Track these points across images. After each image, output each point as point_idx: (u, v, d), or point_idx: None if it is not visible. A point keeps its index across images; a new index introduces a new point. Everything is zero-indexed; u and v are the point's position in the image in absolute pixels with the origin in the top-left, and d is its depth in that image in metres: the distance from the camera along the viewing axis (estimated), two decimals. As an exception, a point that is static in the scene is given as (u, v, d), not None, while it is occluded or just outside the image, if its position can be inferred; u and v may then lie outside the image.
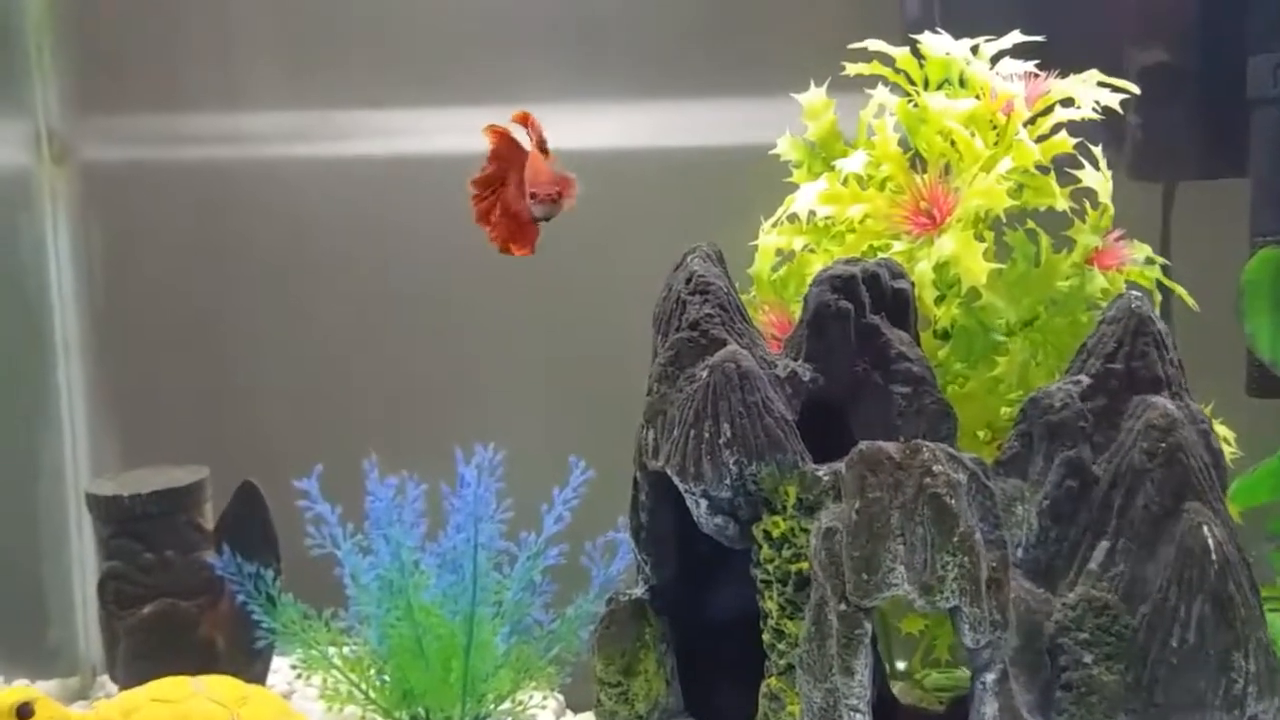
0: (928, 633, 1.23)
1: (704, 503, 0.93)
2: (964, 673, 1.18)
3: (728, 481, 0.92)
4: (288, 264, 1.58)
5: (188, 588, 1.37)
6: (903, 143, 1.13)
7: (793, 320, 1.18)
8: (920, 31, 1.15)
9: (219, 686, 1.05)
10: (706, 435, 0.92)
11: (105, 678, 1.56)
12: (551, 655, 1.31)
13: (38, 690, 0.94)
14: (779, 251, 1.17)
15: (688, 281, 0.99)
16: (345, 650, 1.31)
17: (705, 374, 0.93)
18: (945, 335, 1.15)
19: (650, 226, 1.53)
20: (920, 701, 1.15)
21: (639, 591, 1.03)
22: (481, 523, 1.21)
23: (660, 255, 1.53)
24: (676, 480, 0.94)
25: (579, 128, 1.58)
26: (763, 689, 0.95)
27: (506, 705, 1.33)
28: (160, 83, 1.53)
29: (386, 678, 1.28)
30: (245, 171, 1.55)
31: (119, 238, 1.56)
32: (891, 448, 0.85)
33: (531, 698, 1.33)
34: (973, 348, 1.12)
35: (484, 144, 1.55)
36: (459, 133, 1.56)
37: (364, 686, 1.31)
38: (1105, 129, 1.14)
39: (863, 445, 0.86)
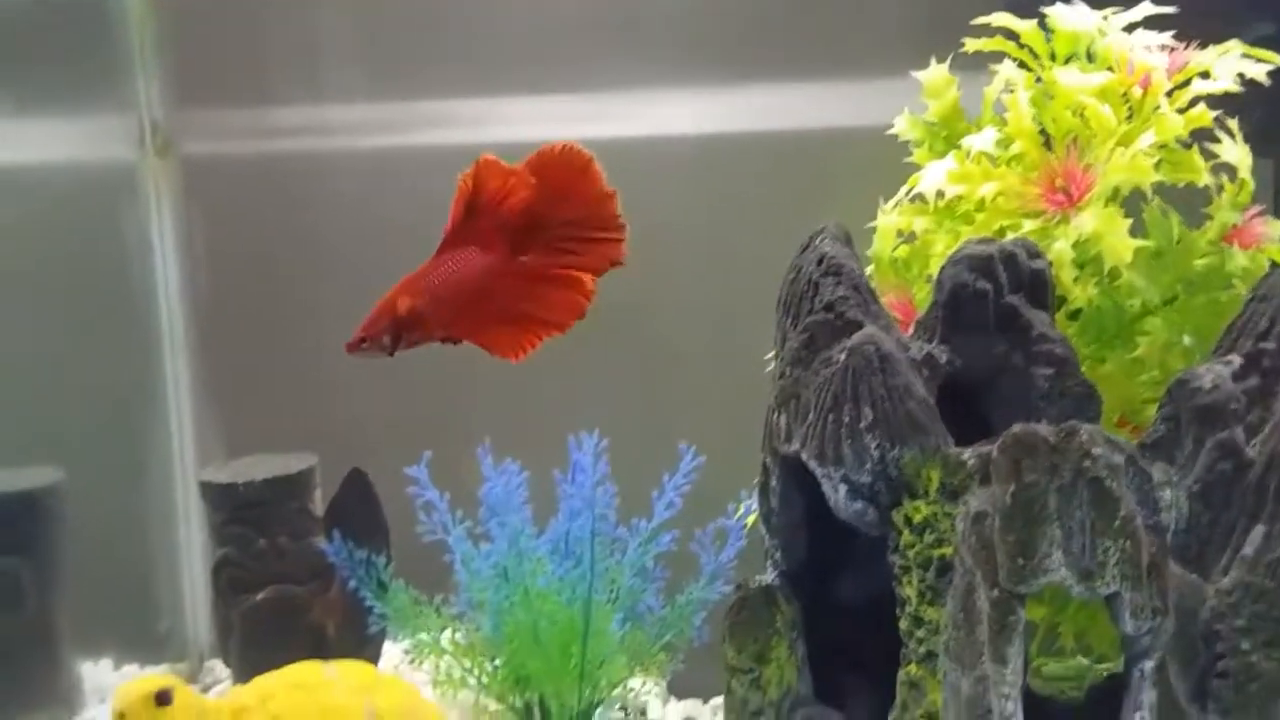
0: (1045, 621, 1.21)
1: (843, 488, 0.92)
2: (1082, 662, 1.16)
3: (868, 466, 0.90)
4: (380, 253, 1.58)
5: (299, 574, 1.38)
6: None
7: (914, 302, 1.16)
8: (1019, 8, 1.13)
9: (352, 673, 1.05)
10: (846, 419, 0.90)
11: (213, 662, 1.59)
12: (663, 642, 1.31)
13: (176, 678, 0.95)
14: (898, 233, 1.15)
15: (819, 263, 0.97)
16: (457, 636, 1.31)
17: (844, 357, 0.92)
18: (1073, 316, 1.12)
19: (748, 211, 1.52)
20: (1042, 690, 1.13)
21: (769, 578, 1.02)
22: (598, 509, 1.21)
23: (758, 239, 1.52)
24: (814, 465, 0.92)
25: (670, 113, 1.58)
26: (901, 676, 0.93)
27: (617, 691, 1.33)
28: (253, 77, 1.54)
29: (499, 664, 1.28)
30: (335, 162, 1.56)
31: (218, 229, 1.57)
32: (1046, 430, 0.83)
33: (643, 684, 1.32)
34: (1104, 329, 1.09)
35: (569, 131, 1.56)
36: (545, 121, 1.58)
37: (476, 672, 1.31)
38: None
39: (1017, 428, 0.83)
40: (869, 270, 1.15)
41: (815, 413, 0.92)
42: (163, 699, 0.93)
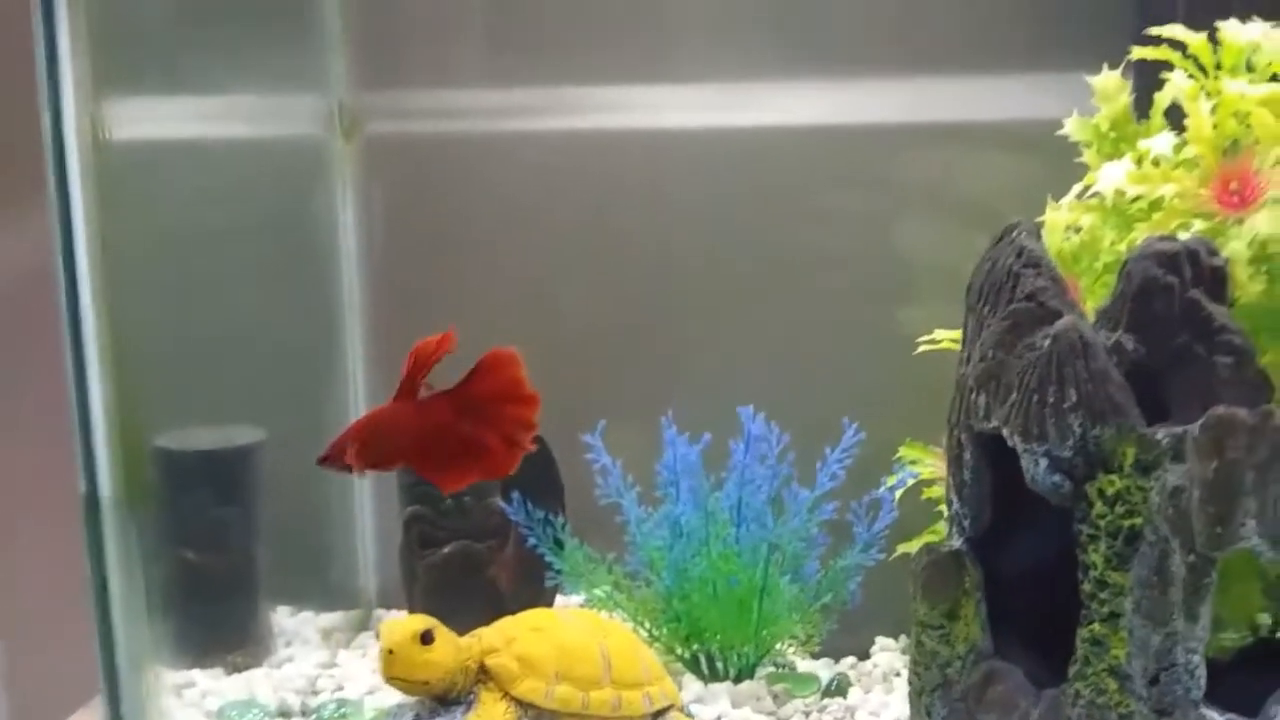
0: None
1: (1044, 462, 1.01)
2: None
3: (1070, 443, 1.00)
4: (550, 235, 1.68)
5: (480, 531, 1.50)
6: (1180, 125, 1.18)
7: (1079, 294, 1.25)
8: (1161, 21, 1.21)
9: (583, 618, 1.16)
10: (1051, 399, 1.00)
11: (381, 611, 1.70)
12: (822, 603, 1.41)
13: (435, 620, 1.05)
14: (1066, 228, 1.24)
15: (1019, 255, 1.06)
16: (634, 593, 1.42)
17: (1048, 343, 1.01)
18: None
19: (909, 202, 1.61)
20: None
21: (956, 543, 1.12)
22: (776, 478, 1.31)
23: (918, 231, 1.61)
24: (1017, 441, 1.02)
25: (822, 104, 1.66)
26: (1084, 634, 1.03)
27: (778, 647, 1.44)
28: (434, 58, 1.63)
29: (675, 620, 1.39)
30: (510, 145, 1.64)
31: (396, 208, 1.67)
32: (1244, 413, 0.92)
33: (801, 640, 1.43)
34: (1259, 325, 1.18)
35: (734, 118, 1.65)
36: (715, 110, 1.66)
37: (648, 625, 1.42)
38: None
39: (1218, 410, 0.93)
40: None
41: (1019, 393, 1.01)
42: (426, 638, 1.04)
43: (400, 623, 1.05)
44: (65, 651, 1.64)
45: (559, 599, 1.51)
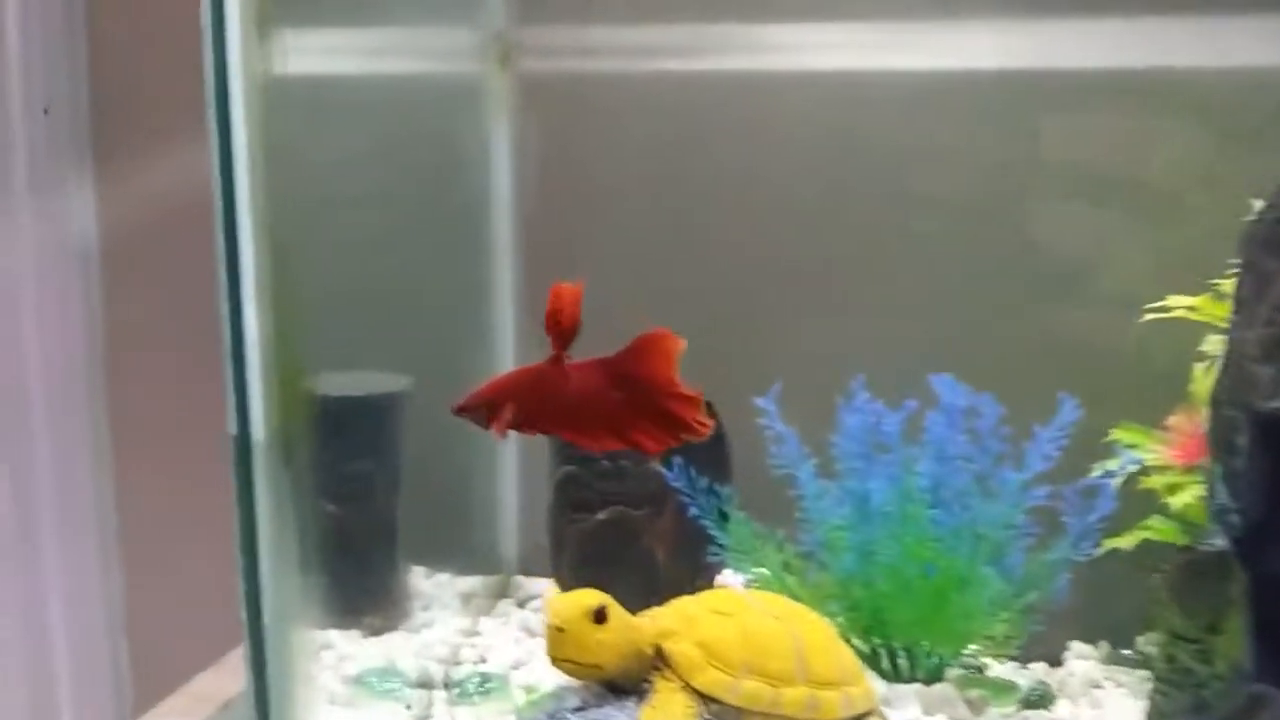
0: None
1: (1355, 450, 0.84)
2: None
3: (1393, 428, 0.82)
4: (695, 177, 1.55)
5: (637, 497, 1.36)
6: None
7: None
8: None
9: (769, 601, 1.02)
10: (1372, 374, 0.83)
11: (520, 579, 1.60)
12: (1027, 601, 1.25)
13: (608, 596, 0.93)
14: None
15: (1325, 206, 0.89)
16: (806, 575, 1.28)
17: (1370, 305, 0.84)
18: None
19: (1106, 157, 1.43)
20: None
21: (1222, 542, 0.94)
22: (986, 455, 1.15)
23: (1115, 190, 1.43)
24: (1322, 423, 0.85)
25: (985, 47, 1.49)
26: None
27: (973, 648, 1.28)
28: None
29: (854, 609, 1.24)
30: (660, 84, 1.52)
31: (548, 145, 1.54)
32: None
33: (998, 641, 1.27)
34: None
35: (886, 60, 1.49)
36: (865, 50, 1.51)
37: (820, 613, 1.28)
38: None
39: None
40: None
41: (1327, 366, 0.84)
42: (599, 616, 0.91)
43: (570, 598, 0.92)
44: (191, 607, 1.59)
45: (718, 579, 1.38)
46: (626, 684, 0.93)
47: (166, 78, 1.46)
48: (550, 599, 0.93)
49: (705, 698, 0.92)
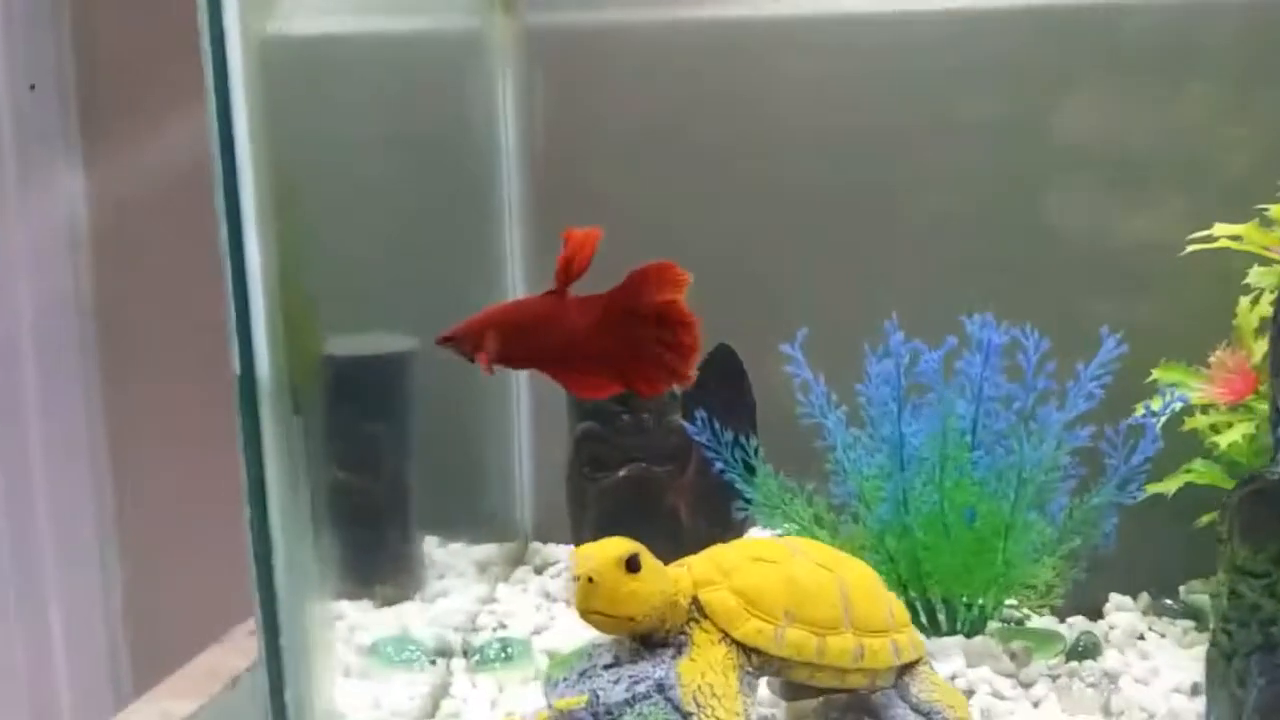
0: None
1: None
2: None
3: None
4: (714, 126, 1.49)
5: (659, 453, 1.32)
6: None
7: None
8: None
9: (811, 548, 0.96)
10: None
11: (537, 545, 1.55)
12: (1070, 546, 1.19)
13: (639, 545, 0.88)
14: None
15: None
16: (838, 529, 1.22)
17: None
18: None
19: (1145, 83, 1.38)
20: None
21: (1289, 471, 0.89)
22: (1029, 394, 1.10)
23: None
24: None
25: None
26: None
27: (1011, 601, 1.23)
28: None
29: (889, 561, 1.19)
30: (671, 33, 1.47)
31: (556, 97, 1.50)
32: None
33: (1041, 591, 1.22)
34: None
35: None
36: None
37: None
38: None
39: None
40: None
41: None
42: (632, 564, 0.85)
43: (599, 546, 0.86)
44: (188, 585, 1.54)
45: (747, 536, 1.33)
46: (661, 637, 0.88)
47: (156, 51, 1.40)
48: (578, 549, 0.87)
49: (747, 649, 0.87)
